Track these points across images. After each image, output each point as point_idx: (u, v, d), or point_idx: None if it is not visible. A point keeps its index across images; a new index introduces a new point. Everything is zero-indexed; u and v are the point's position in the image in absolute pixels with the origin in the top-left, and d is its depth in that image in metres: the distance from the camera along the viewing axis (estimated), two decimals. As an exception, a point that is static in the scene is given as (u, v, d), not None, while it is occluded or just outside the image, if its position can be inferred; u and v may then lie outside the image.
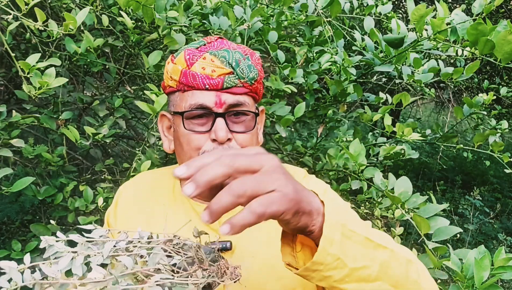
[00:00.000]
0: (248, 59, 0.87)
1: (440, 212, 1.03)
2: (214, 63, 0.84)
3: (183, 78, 0.86)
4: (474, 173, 6.63)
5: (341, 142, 1.86)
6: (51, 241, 0.60)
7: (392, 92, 2.43)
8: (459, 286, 0.91)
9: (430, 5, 2.69)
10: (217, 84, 0.84)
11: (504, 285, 3.87)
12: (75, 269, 0.56)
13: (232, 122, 0.87)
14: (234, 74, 0.85)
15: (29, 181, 1.30)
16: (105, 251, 0.59)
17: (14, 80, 2.26)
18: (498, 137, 1.71)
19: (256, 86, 0.89)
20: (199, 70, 0.84)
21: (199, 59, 0.85)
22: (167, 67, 0.91)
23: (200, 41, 0.90)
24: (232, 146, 0.85)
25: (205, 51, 0.86)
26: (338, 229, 0.60)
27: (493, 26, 1.10)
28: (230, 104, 0.85)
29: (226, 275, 0.60)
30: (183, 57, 0.86)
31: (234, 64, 0.85)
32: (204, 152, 0.84)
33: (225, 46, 0.87)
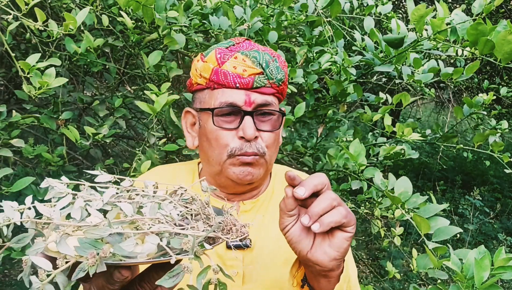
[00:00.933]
0: (276, 61, 0.90)
1: (440, 212, 1.03)
2: (246, 63, 0.87)
3: (214, 76, 0.88)
4: (474, 173, 6.63)
5: (341, 142, 1.86)
6: (53, 183, 0.59)
7: (392, 92, 2.43)
8: (459, 286, 0.91)
9: (430, 5, 2.69)
10: (247, 83, 0.87)
11: (504, 285, 3.87)
12: (74, 213, 0.55)
13: (259, 121, 0.89)
14: (264, 75, 0.88)
15: (29, 181, 1.30)
16: (105, 196, 0.58)
17: (14, 80, 2.26)
18: (498, 137, 1.71)
19: (283, 87, 0.92)
20: (231, 68, 0.87)
21: (230, 58, 0.87)
22: (196, 65, 0.93)
23: (228, 41, 0.92)
24: (258, 145, 0.89)
25: (236, 50, 0.89)
26: (346, 282, 0.74)
27: (493, 26, 1.10)
28: (258, 103, 0.88)
29: (232, 232, 0.58)
30: (214, 56, 0.89)
31: (264, 64, 0.87)
32: (233, 150, 0.88)
33: (254, 47, 0.90)
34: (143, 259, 0.50)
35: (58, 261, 0.47)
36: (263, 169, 0.92)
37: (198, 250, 0.51)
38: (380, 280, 3.45)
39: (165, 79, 1.52)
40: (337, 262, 0.69)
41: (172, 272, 0.49)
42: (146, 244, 0.51)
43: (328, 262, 0.68)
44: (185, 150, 1.46)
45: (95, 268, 0.46)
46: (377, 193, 1.62)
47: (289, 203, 0.68)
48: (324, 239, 0.69)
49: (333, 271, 0.70)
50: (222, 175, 0.92)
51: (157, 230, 0.52)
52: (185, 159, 1.67)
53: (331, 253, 0.68)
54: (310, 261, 0.69)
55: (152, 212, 0.56)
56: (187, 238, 0.51)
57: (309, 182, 0.67)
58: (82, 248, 0.47)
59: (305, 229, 0.69)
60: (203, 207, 0.61)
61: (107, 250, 0.47)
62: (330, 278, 0.72)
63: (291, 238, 0.70)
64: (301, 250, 0.69)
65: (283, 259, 0.91)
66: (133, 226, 0.55)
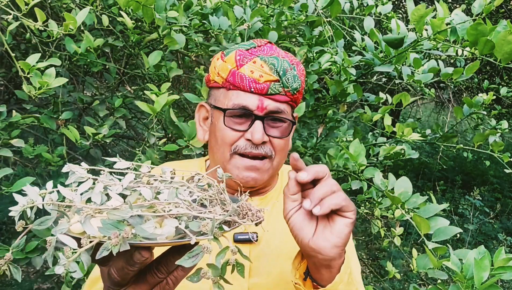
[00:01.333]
0: (294, 69, 0.91)
1: (440, 212, 1.03)
2: (263, 69, 0.88)
3: (231, 77, 0.89)
4: (474, 173, 6.63)
5: (341, 142, 1.86)
6: (74, 168, 0.61)
7: (392, 92, 2.43)
8: (459, 286, 0.91)
9: (430, 5, 2.69)
10: (262, 89, 0.88)
11: (504, 285, 3.87)
12: (94, 196, 0.57)
13: (269, 126, 0.91)
14: (280, 83, 0.89)
15: (29, 181, 1.30)
16: (125, 181, 0.59)
17: (14, 80, 2.26)
18: (498, 137, 1.71)
19: (297, 96, 0.94)
20: (248, 72, 0.88)
21: (249, 62, 0.89)
22: (215, 63, 0.94)
23: (250, 43, 0.94)
24: (266, 149, 0.90)
25: (255, 55, 0.90)
26: (347, 273, 0.75)
27: (493, 26, 1.10)
28: (270, 110, 0.89)
29: (248, 216, 0.59)
30: (234, 57, 0.90)
31: (281, 72, 0.89)
32: (237, 147, 0.90)
33: (274, 53, 0.91)
34: (163, 241, 0.52)
35: (83, 240, 0.49)
36: (268, 175, 0.93)
37: (217, 232, 0.53)
38: (380, 280, 3.45)
39: (165, 79, 1.52)
40: (339, 250, 0.70)
41: (192, 252, 0.51)
42: (166, 227, 0.53)
43: (330, 250, 0.69)
44: (185, 150, 1.46)
45: (118, 247, 0.48)
46: (377, 193, 1.62)
47: (292, 186, 0.71)
48: (326, 227, 0.71)
49: (334, 260, 0.71)
50: None
51: (176, 213, 0.54)
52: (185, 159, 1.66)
53: (332, 240, 0.69)
54: (312, 250, 0.70)
55: (171, 196, 0.58)
56: (205, 221, 0.52)
57: (311, 168, 0.70)
58: (105, 229, 0.49)
59: (307, 216, 0.72)
60: (219, 193, 0.62)
61: (129, 231, 0.48)
62: (332, 268, 0.73)
63: (294, 225, 0.72)
64: (303, 237, 0.71)
65: (289, 254, 0.92)
66: (152, 210, 0.56)
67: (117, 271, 0.56)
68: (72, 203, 0.55)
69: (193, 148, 1.45)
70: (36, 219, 0.54)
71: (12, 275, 0.53)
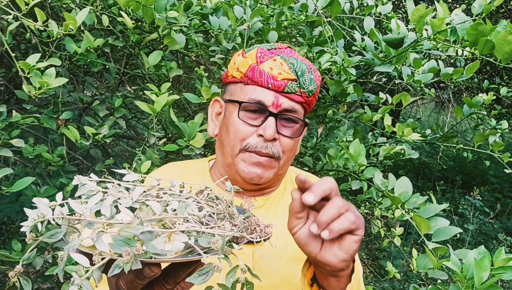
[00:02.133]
0: (312, 73, 0.93)
1: (440, 212, 1.03)
2: (283, 67, 0.90)
3: (250, 72, 0.91)
4: (474, 173, 6.63)
5: (341, 142, 1.86)
6: (83, 180, 0.61)
7: (392, 92, 2.43)
8: (459, 286, 0.91)
9: (430, 5, 2.69)
10: (279, 86, 0.89)
11: (504, 285, 3.87)
12: (104, 209, 0.57)
13: (282, 125, 0.92)
14: (297, 82, 0.90)
15: (29, 181, 1.30)
16: (134, 194, 0.60)
17: (14, 80, 2.26)
18: (498, 137, 1.70)
19: (312, 99, 0.95)
20: (267, 69, 0.90)
21: (269, 59, 0.91)
22: (235, 59, 0.96)
23: (272, 45, 0.96)
24: (275, 148, 0.90)
25: (276, 54, 0.92)
26: (357, 281, 0.76)
27: (493, 26, 1.10)
28: (285, 108, 0.90)
29: (256, 232, 0.59)
30: (255, 54, 0.92)
31: (299, 73, 0.90)
32: (248, 144, 0.90)
33: (294, 55, 0.94)
34: (173, 257, 0.53)
35: (94, 257, 0.50)
36: (273, 173, 0.93)
37: (227, 249, 0.53)
38: (380, 280, 3.45)
39: (165, 79, 1.52)
40: (347, 263, 0.69)
41: (202, 270, 0.51)
42: (175, 242, 0.53)
43: (338, 263, 0.68)
44: (185, 150, 1.46)
45: (129, 265, 0.48)
46: (377, 193, 1.62)
47: (297, 206, 0.68)
48: (333, 242, 0.69)
49: (343, 271, 0.71)
50: (232, 168, 0.94)
51: (186, 229, 0.54)
52: (186, 159, 1.67)
53: (340, 255, 0.68)
54: (319, 262, 0.70)
55: (180, 211, 0.58)
56: (215, 238, 0.52)
57: (317, 188, 0.67)
58: (117, 246, 0.49)
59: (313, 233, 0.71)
60: (227, 206, 0.63)
61: (140, 248, 0.49)
62: (340, 278, 0.73)
63: (300, 240, 0.70)
64: (310, 251, 0.70)
65: (291, 255, 0.92)
66: (161, 223, 0.56)
67: (126, 284, 0.57)
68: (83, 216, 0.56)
69: (193, 148, 1.45)
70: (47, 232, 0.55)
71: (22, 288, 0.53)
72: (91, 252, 0.51)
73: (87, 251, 0.53)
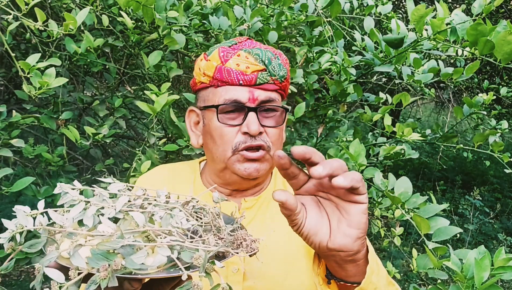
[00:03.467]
0: (278, 58, 0.92)
1: (440, 212, 1.03)
2: (249, 60, 0.88)
3: (218, 73, 0.89)
4: (474, 173, 6.63)
5: (341, 142, 1.85)
6: (66, 188, 0.60)
7: (392, 92, 2.43)
8: (459, 286, 0.91)
9: (430, 5, 2.69)
10: (250, 80, 0.88)
11: (504, 285, 3.87)
12: (86, 220, 0.55)
13: (263, 117, 0.90)
14: (267, 72, 0.89)
15: (29, 181, 1.30)
16: (118, 204, 0.58)
17: (14, 80, 2.26)
18: (498, 137, 1.70)
19: (285, 84, 0.94)
20: (234, 66, 0.88)
21: (233, 56, 0.89)
22: (199, 64, 0.94)
23: (231, 41, 0.94)
24: (263, 139, 0.89)
25: (238, 49, 0.90)
26: (375, 260, 0.71)
27: (493, 26, 1.10)
28: (262, 100, 0.89)
29: (242, 247, 0.57)
30: (217, 54, 0.90)
31: (267, 61, 0.89)
32: (237, 144, 0.89)
33: (256, 45, 0.92)
34: (153, 272, 0.51)
35: (71, 272, 0.48)
36: (269, 164, 0.93)
37: (209, 266, 0.51)
38: (380, 280, 3.44)
39: (165, 79, 1.52)
40: (361, 241, 0.64)
41: (182, 288, 0.49)
42: (157, 256, 0.52)
43: (353, 244, 0.63)
44: (185, 150, 1.46)
45: (106, 281, 0.47)
46: (377, 193, 1.62)
47: (291, 203, 0.61)
48: (340, 221, 0.63)
49: (359, 252, 0.65)
50: (228, 172, 0.93)
51: (169, 243, 0.52)
52: (185, 159, 1.67)
53: (352, 233, 0.63)
54: (332, 250, 0.64)
55: (164, 223, 0.57)
56: (198, 253, 0.50)
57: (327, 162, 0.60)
58: (95, 260, 0.48)
59: (318, 216, 0.65)
60: (214, 218, 0.61)
61: (119, 263, 0.47)
62: (357, 261, 0.67)
63: (308, 232, 0.64)
64: (320, 241, 0.64)
65: (282, 257, 0.91)
66: (144, 235, 0.55)
67: None
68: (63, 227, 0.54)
69: (193, 148, 1.45)
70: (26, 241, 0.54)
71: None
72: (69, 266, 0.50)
73: (67, 264, 0.51)
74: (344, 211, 0.63)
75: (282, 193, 0.60)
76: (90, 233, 0.53)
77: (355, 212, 0.62)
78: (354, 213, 0.62)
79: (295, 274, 0.90)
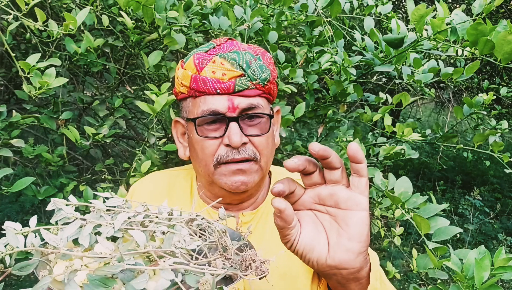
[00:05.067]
0: (260, 59, 0.85)
1: (440, 212, 1.03)
2: (224, 66, 0.82)
3: (194, 83, 0.83)
4: (474, 173, 6.63)
5: (341, 142, 1.85)
6: (60, 205, 0.55)
7: (392, 92, 2.43)
8: (459, 286, 0.91)
9: (430, 5, 2.69)
10: (228, 88, 0.81)
11: (504, 285, 3.87)
12: (81, 239, 0.51)
13: (247, 125, 0.84)
14: (246, 76, 0.82)
15: (29, 181, 1.30)
16: (117, 222, 0.53)
17: (14, 80, 2.26)
18: (498, 137, 1.70)
19: (269, 86, 0.87)
20: (209, 74, 0.82)
21: (208, 63, 0.83)
22: (177, 73, 0.89)
23: (209, 44, 0.87)
24: (248, 151, 0.83)
25: (214, 54, 0.84)
26: (378, 279, 0.67)
27: (493, 26, 1.10)
28: (243, 108, 0.83)
29: (251, 268, 0.52)
30: (193, 62, 0.84)
31: (245, 66, 0.82)
32: (219, 157, 0.83)
33: (235, 47, 0.85)
34: None
35: None
36: (258, 176, 0.87)
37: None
38: (380, 280, 3.44)
39: (165, 79, 1.52)
40: (363, 256, 0.59)
41: None
42: (160, 280, 0.48)
43: (355, 260, 0.58)
44: (185, 150, 1.46)
45: None
46: (377, 193, 1.62)
47: (288, 214, 0.57)
48: (340, 234, 0.58)
49: (362, 269, 0.60)
50: (215, 186, 0.89)
51: (172, 266, 0.49)
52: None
53: (354, 247, 0.57)
54: (332, 268, 0.58)
55: (167, 242, 0.53)
56: (204, 278, 0.47)
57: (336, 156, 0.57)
58: (91, 287, 0.44)
59: (314, 230, 0.60)
60: (220, 236, 0.57)
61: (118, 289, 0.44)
62: (360, 280, 0.62)
63: (304, 248, 0.59)
64: (318, 258, 0.59)
65: (282, 272, 0.88)
66: (145, 255, 0.52)
67: None
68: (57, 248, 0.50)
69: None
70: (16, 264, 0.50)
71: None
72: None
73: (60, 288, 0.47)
74: (343, 222, 0.58)
75: (282, 201, 0.57)
76: (86, 255, 0.49)
77: (355, 222, 0.57)
78: (354, 223, 0.57)
79: (294, 288, 0.87)
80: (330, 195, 0.58)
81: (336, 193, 0.58)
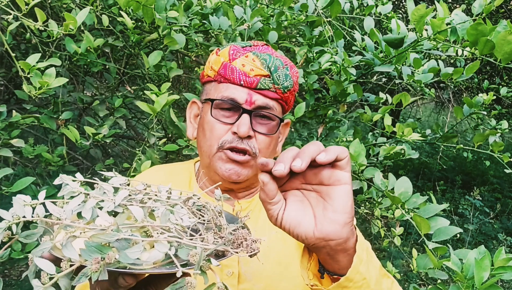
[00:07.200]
0: (287, 69, 0.91)
1: (440, 212, 1.03)
2: (255, 63, 0.88)
3: (222, 69, 0.90)
4: (474, 173, 6.63)
5: (341, 142, 1.86)
6: (66, 180, 0.59)
7: (392, 92, 2.43)
8: (459, 286, 0.91)
9: (430, 5, 2.69)
10: (251, 83, 0.88)
11: (504, 285, 3.87)
12: (84, 212, 0.55)
13: (257, 122, 0.90)
14: (270, 78, 0.89)
15: (29, 181, 1.30)
16: (117, 198, 0.57)
17: (14, 80, 2.26)
18: (498, 137, 1.70)
19: (288, 95, 0.93)
20: (239, 66, 0.88)
21: (241, 56, 0.89)
22: (210, 58, 0.95)
23: (247, 42, 0.94)
24: (250, 144, 0.88)
25: (249, 50, 0.91)
26: (364, 250, 0.68)
27: (493, 26, 1.10)
28: (259, 105, 0.89)
29: (242, 246, 0.54)
30: (227, 51, 0.91)
31: (272, 68, 0.88)
32: (224, 142, 0.88)
33: (269, 51, 0.92)
34: (148, 268, 0.50)
35: (63, 263, 0.47)
36: (252, 171, 0.91)
37: (204, 264, 0.49)
38: (380, 280, 3.44)
39: (165, 79, 1.52)
40: (349, 226, 0.62)
41: (176, 285, 0.48)
42: (154, 251, 0.51)
43: (341, 230, 0.61)
44: (185, 150, 1.46)
45: (97, 274, 0.45)
46: (377, 193, 1.62)
47: (270, 190, 0.61)
48: (325, 207, 0.62)
49: (349, 239, 0.63)
50: (211, 169, 0.92)
51: (166, 239, 0.51)
52: (185, 159, 1.67)
53: (339, 218, 0.61)
54: (321, 240, 0.62)
55: (164, 219, 0.55)
56: (195, 250, 0.49)
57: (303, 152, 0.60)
58: (88, 252, 0.46)
59: (299, 206, 0.64)
60: (215, 216, 0.59)
61: (112, 256, 0.46)
62: (348, 251, 0.65)
63: (290, 224, 0.63)
64: (305, 232, 0.62)
65: (276, 259, 0.91)
66: (143, 231, 0.54)
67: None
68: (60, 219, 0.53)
69: (193, 148, 1.45)
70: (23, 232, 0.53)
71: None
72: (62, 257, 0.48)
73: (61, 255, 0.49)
74: (328, 196, 0.62)
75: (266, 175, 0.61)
76: (87, 227, 0.52)
77: (339, 194, 0.61)
78: (338, 196, 0.61)
79: (290, 276, 0.89)
80: (315, 175, 0.63)
81: (320, 172, 0.62)
